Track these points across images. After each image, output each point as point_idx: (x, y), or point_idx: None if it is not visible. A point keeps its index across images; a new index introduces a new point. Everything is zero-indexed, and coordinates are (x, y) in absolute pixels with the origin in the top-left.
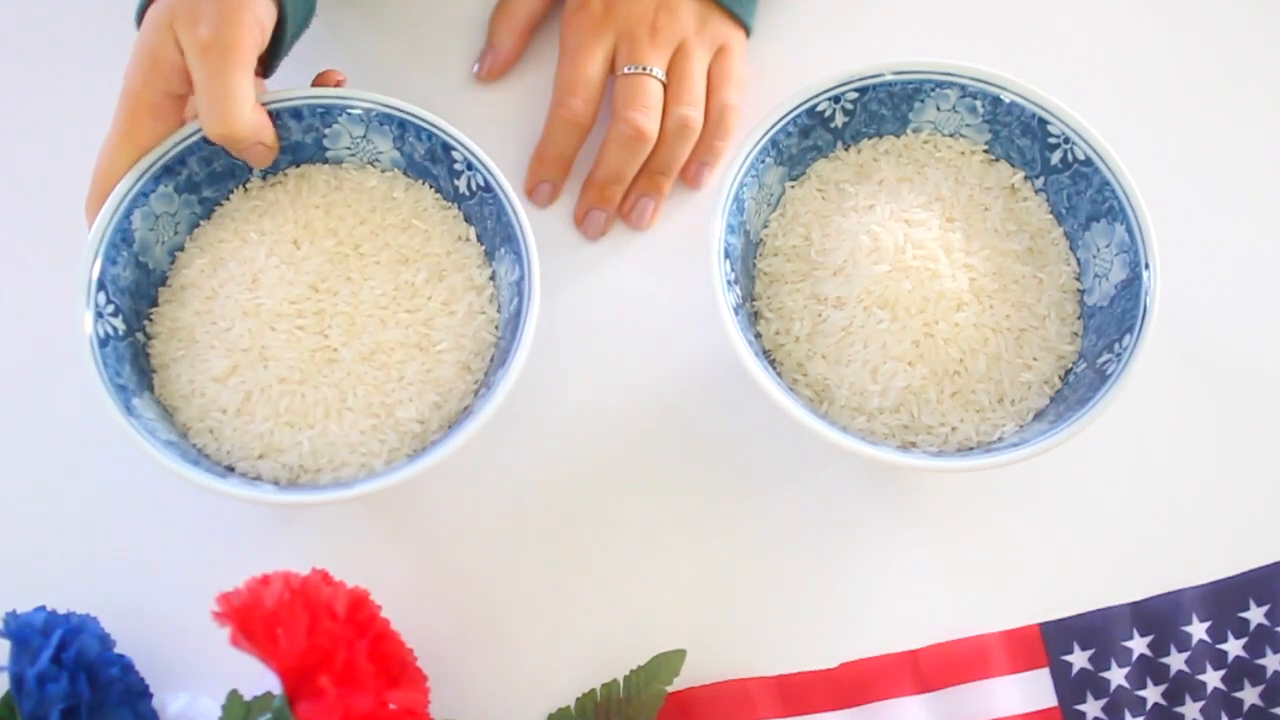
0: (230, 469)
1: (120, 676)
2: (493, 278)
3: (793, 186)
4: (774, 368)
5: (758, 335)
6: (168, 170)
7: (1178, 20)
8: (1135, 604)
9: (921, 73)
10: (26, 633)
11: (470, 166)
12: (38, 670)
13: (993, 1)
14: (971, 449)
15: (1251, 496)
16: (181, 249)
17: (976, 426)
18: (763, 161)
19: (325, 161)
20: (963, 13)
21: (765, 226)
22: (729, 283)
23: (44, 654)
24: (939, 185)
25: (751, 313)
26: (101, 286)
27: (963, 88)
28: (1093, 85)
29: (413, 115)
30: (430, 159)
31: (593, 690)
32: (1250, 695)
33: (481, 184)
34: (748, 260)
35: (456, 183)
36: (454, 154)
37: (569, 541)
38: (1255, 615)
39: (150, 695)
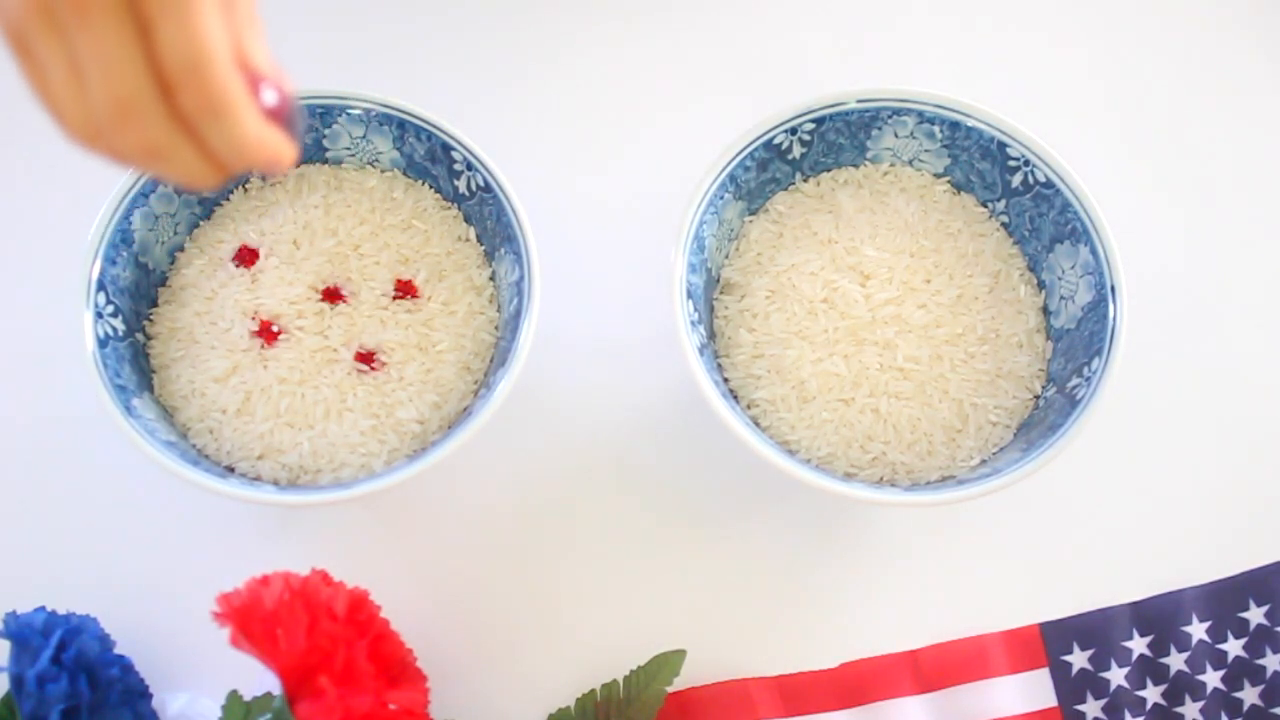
0: (230, 469)
1: (120, 677)
2: (493, 278)
3: (750, 221)
4: (740, 403)
5: (725, 378)
6: None
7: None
8: (1135, 604)
9: (878, 100)
10: (26, 633)
11: (470, 166)
12: (38, 670)
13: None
14: (943, 481)
15: (1251, 496)
16: (181, 249)
17: (947, 458)
18: (721, 198)
19: (325, 162)
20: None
21: (726, 261)
22: (693, 323)
23: (44, 654)
24: (902, 216)
25: (715, 350)
26: (101, 287)
27: (920, 114)
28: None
29: (412, 115)
30: (430, 159)
31: (593, 690)
32: (1250, 695)
33: (481, 184)
34: (710, 297)
35: (456, 183)
36: (454, 154)
37: (569, 541)
38: (1255, 615)
39: (150, 695)
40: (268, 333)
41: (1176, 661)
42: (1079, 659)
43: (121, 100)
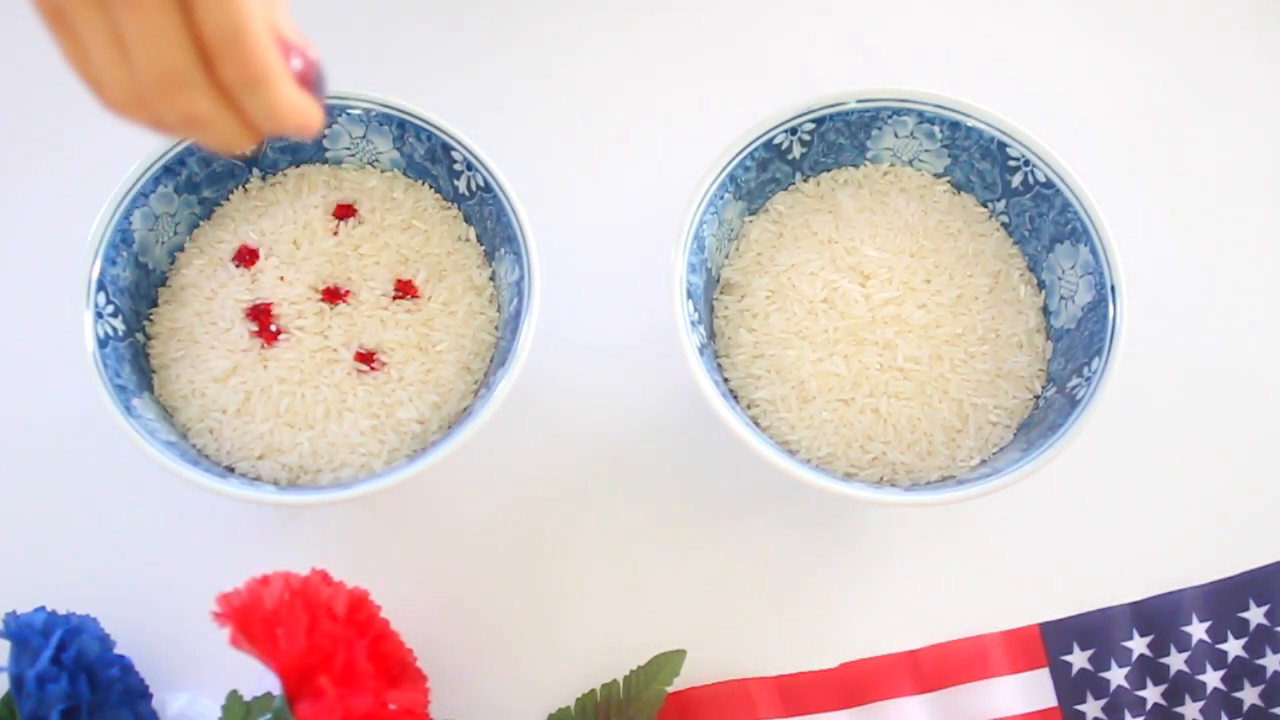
0: (230, 469)
1: (120, 677)
2: (493, 278)
3: (750, 221)
4: (740, 403)
5: (725, 378)
6: (167, 170)
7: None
8: (1135, 604)
9: (878, 100)
10: (26, 633)
11: (470, 166)
12: (38, 670)
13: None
14: (943, 481)
15: (1251, 496)
16: (181, 249)
17: (947, 458)
18: (721, 197)
19: (325, 162)
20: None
21: (726, 261)
22: (693, 323)
23: (44, 654)
24: (902, 216)
25: (715, 350)
26: (101, 287)
27: (920, 114)
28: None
29: (412, 115)
30: (430, 159)
31: (593, 690)
32: (1250, 695)
33: (481, 184)
34: (710, 297)
35: (456, 183)
36: (454, 154)
37: (569, 541)
38: (1255, 615)
39: (150, 695)
40: (267, 332)
41: (1176, 661)
42: (1079, 659)
43: (168, 72)
